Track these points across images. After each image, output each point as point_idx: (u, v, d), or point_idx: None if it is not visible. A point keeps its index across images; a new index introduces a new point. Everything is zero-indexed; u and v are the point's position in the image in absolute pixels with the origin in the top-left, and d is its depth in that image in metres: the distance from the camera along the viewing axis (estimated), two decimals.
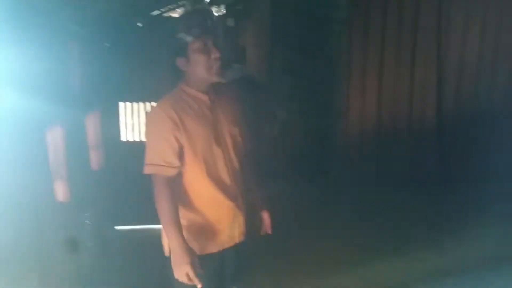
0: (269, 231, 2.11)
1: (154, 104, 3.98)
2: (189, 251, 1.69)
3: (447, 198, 3.79)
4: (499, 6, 4.08)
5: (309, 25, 4.00)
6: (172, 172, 1.70)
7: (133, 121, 3.87)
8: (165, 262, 1.88)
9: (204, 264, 1.79)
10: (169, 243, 1.71)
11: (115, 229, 3.49)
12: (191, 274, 1.68)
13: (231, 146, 1.88)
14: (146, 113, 1.84)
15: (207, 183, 1.80)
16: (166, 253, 1.82)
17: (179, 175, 1.76)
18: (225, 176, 1.85)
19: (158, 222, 3.56)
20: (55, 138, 2.74)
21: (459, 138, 4.20)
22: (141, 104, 3.84)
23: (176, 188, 1.77)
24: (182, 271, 1.69)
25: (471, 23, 4.09)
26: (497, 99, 4.22)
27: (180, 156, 1.73)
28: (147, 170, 1.72)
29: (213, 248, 1.85)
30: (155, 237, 3.51)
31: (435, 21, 4.05)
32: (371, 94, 4.00)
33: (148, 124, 1.78)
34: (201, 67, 1.72)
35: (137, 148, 3.76)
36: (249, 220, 1.99)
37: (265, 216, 2.10)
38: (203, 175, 1.78)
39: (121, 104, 3.78)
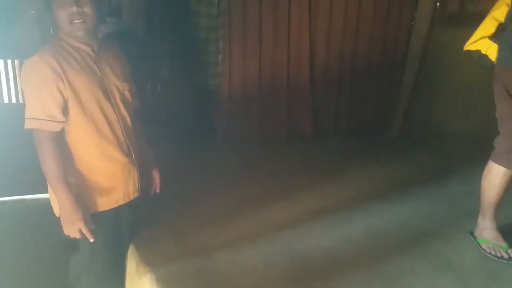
0: (158, 190, 2.14)
1: (19, 60, 3.57)
2: (80, 207, 1.64)
3: (319, 148, 4.20)
4: None
5: None
6: (56, 127, 1.60)
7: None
8: (52, 226, 1.79)
9: (100, 221, 1.76)
10: (58, 201, 1.63)
11: None
12: (84, 229, 1.65)
13: (120, 100, 1.82)
14: (24, 63, 1.66)
15: (98, 138, 1.73)
16: (57, 214, 1.73)
17: (64, 131, 1.66)
18: (117, 132, 1.79)
19: (32, 192, 3.31)
20: None
21: (328, 95, 4.62)
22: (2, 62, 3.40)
23: (63, 145, 1.67)
24: (74, 228, 1.64)
25: None
26: (359, 61, 4.73)
27: (65, 110, 1.63)
28: (28, 124, 1.58)
29: (108, 205, 1.82)
30: (28, 207, 3.26)
31: None
32: (252, 53, 4.13)
33: (27, 76, 1.61)
34: (62, 21, 1.63)
35: (6, 111, 3.38)
36: (142, 176, 1.99)
37: (155, 175, 2.12)
38: (93, 130, 1.71)
39: None
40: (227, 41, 4.03)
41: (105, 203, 1.80)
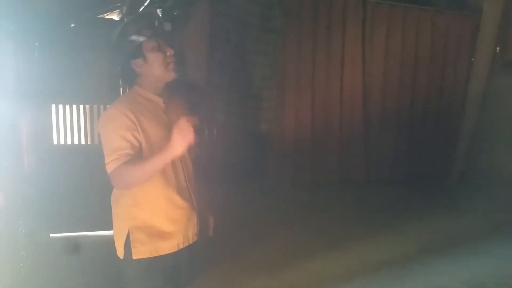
0: (211, 234, 2.17)
1: (88, 105, 3.79)
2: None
3: (373, 195, 4.10)
4: (416, 21, 4.53)
5: (246, 33, 4.13)
6: (129, 154, 1.69)
7: (67, 124, 3.70)
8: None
9: (160, 265, 1.81)
10: (172, 154, 1.64)
11: (50, 236, 3.33)
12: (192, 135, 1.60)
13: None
14: (102, 114, 1.81)
15: (163, 184, 1.81)
16: (120, 255, 1.80)
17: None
18: (180, 178, 1.87)
19: (93, 229, 3.42)
20: None
21: (383, 141, 4.57)
22: (75, 107, 3.69)
23: (132, 189, 1.76)
24: (185, 143, 1.62)
25: (392, 34, 4.49)
26: (416, 107, 4.67)
27: (139, 153, 1.73)
28: (109, 167, 1.69)
29: (168, 249, 1.87)
30: (91, 243, 3.41)
31: (360, 33, 4.38)
32: (304, 99, 4.21)
33: (105, 125, 1.74)
34: (158, 65, 1.74)
35: (71, 152, 3.64)
36: (201, 220, 2.05)
37: (210, 219, 2.17)
38: (159, 176, 1.80)
39: (53, 106, 3.61)
40: (281, 87, 4.15)
41: (166, 247, 1.86)
